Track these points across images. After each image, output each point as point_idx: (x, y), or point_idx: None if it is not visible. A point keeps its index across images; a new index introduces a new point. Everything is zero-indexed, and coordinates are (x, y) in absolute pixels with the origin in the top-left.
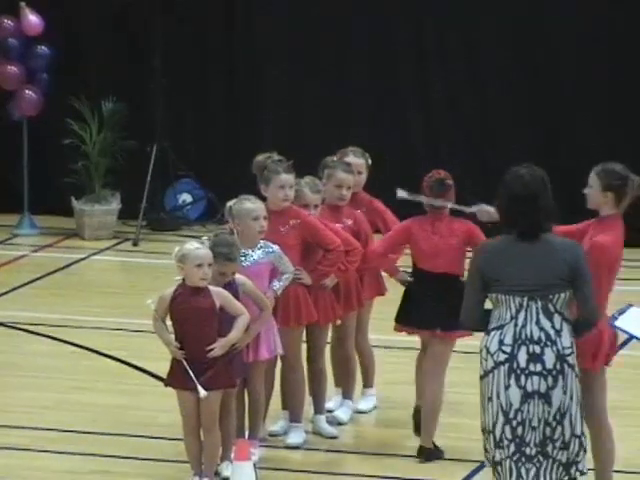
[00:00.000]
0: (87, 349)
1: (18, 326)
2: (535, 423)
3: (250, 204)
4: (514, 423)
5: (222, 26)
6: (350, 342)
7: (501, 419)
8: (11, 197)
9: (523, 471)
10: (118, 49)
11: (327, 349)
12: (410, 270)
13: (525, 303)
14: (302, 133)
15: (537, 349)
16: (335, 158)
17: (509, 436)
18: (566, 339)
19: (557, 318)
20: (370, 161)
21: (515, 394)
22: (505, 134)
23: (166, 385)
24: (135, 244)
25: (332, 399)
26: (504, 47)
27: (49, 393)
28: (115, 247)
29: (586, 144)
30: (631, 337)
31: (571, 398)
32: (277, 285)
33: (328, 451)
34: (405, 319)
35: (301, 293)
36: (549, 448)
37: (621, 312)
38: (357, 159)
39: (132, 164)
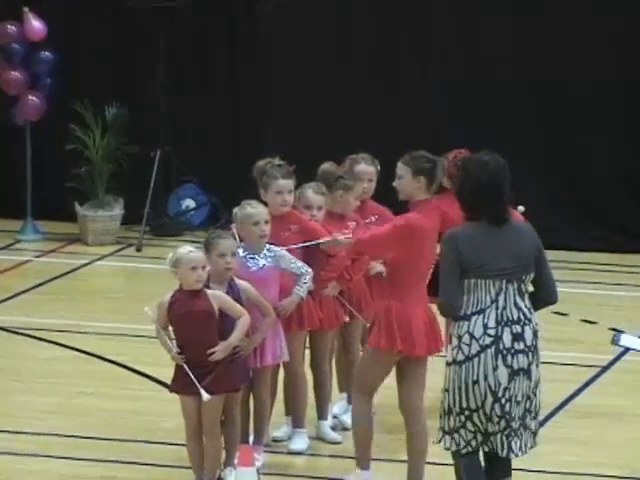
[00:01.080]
0: (90, 354)
1: (21, 331)
2: (520, 398)
3: (251, 209)
4: (503, 400)
5: (224, 31)
6: (356, 347)
7: (490, 399)
8: (14, 202)
9: (513, 445)
10: (121, 54)
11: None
12: None
13: (504, 286)
14: (305, 138)
15: (518, 329)
16: (330, 164)
17: (499, 413)
18: (534, 315)
19: (526, 297)
20: (379, 167)
21: (503, 373)
22: (506, 133)
23: (171, 391)
24: (138, 250)
25: (336, 404)
26: (505, 46)
27: (52, 398)
28: (118, 253)
29: (587, 144)
30: None
31: (539, 370)
32: (299, 290)
33: (331, 456)
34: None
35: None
36: (527, 420)
37: (619, 333)
38: (368, 167)
39: (135, 169)
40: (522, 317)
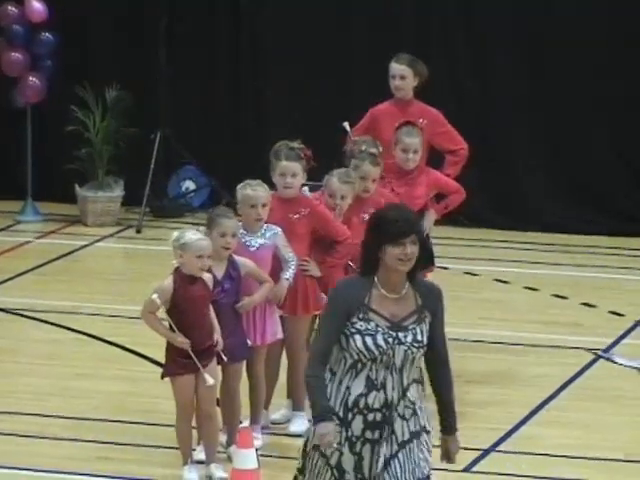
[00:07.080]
0: (90, 336)
1: (21, 312)
2: None
3: (250, 191)
4: None
5: (227, 13)
6: None
7: None
8: (14, 184)
9: None
10: (122, 36)
11: None
12: None
13: None
14: (307, 119)
15: None
16: (364, 148)
17: None
18: None
19: None
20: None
21: None
22: (507, 130)
23: (163, 377)
24: (138, 231)
25: None
26: (506, 44)
27: (51, 380)
28: (118, 234)
29: (588, 141)
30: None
31: None
32: (287, 275)
33: None
34: None
35: (309, 282)
36: None
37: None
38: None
39: (135, 151)
40: None
